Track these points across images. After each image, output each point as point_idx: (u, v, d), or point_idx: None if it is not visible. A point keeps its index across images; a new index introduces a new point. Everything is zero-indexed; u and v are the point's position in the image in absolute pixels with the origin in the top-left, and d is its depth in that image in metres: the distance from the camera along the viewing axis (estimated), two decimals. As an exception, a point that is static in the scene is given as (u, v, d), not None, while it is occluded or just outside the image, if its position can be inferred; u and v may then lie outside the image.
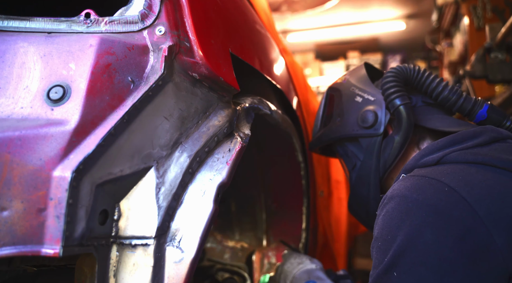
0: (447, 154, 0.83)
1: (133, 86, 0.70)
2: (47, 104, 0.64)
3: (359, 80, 1.09)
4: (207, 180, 0.75)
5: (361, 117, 1.02)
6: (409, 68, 1.00)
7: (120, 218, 0.67)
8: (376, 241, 0.78)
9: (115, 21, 0.73)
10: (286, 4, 4.34)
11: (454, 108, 0.97)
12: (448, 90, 0.97)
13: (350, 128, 1.04)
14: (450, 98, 0.96)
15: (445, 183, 0.75)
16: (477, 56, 2.12)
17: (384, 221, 0.77)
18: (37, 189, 0.58)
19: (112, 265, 0.67)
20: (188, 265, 0.68)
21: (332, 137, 1.10)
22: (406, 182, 0.80)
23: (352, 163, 1.07)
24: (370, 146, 1.01)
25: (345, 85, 1.11)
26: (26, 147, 0.59)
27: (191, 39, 0.76)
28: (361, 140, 1.03)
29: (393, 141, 0.97)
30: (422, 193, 0.75)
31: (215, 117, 0.81)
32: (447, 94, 0.96)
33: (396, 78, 0.98)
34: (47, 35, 0.71)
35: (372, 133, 1.00)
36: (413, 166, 0.88)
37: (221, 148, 0.80)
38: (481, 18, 3.20)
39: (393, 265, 0.72)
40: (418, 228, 0.72)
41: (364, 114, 1.01)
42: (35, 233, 0.57)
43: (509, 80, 2.08)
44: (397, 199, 0.77)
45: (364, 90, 1.05)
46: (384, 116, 0.99)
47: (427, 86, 0.99)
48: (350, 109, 1.06)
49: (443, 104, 0.98)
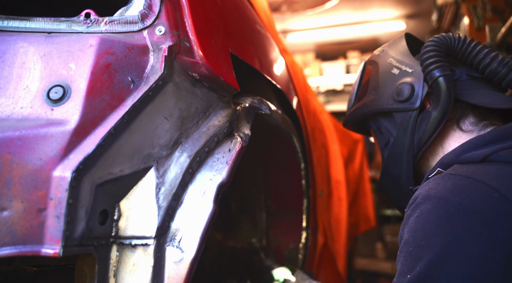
0: (496, 151, 0.73)
1: (133, 86, 0.70)
2: (47, 104, 0.64)
3: (398, 51, 1.01)
4: (207, 180, 0.75)
5: (396, 90, 0.94)
6: (453, 37, 0.91)
7: (120, 218, 0.67)
8: (407, 246, 0.70)
9: (115, 21, 0.73)
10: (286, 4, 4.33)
11: (504, 82, 0.86)
12: (497, 62, 0.85)
13: (385, 102, 0.97)
14: (500, 71, 0.85)
15: (494, 188, 0.65)
16: (477, 56, 2.11)
17: (418, 224, 0.68)
18: (37, 189, 0.58)
19: (112, 265, 0.67)
20: (188, 265, 0.68)
21: (366, 112, 1.02)
22: (446, 181, 0.71)
23: (385, 140, 1.00)
24: (405, 121, 0.92)
25: (383, 57, 1.03)
26: (26, 147, 0.59)
27: (191, 39, 0.76)
28: (396, 115, 0.95)
29: (429, 116, 0.88)
30: (467, 197, 0.65)
31: (215, 117, 0.81)
32: (496, 66, 0.85)
33: (437, 47, 0.89)
34: (47, 35, 0.70)
35: (407, 108, 0.92)
36: (452, 161, 0.79)
37: (221, 148, 0.80)
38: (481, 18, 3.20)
39: (427, 277, 0.64)
40: (461, 237, 0.62)
41: (400, 87, 0.93)
42: (35, 233, 0.57)
43: (509, 80, 2.08)
44: (435, 200, 0.68)
45: (402, 61, 0.97)
46: (422, 89, 0.90)
47: (473, 57, 0.88)
48: (386, 81, 0.98)
49: (491, 78, 0.87)
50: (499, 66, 0.85)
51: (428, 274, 0.64)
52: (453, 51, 0.91)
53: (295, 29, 5.97)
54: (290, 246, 1.49)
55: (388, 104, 0.96)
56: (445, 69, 0.86)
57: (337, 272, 1.75)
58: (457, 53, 0.91)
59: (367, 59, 1.12)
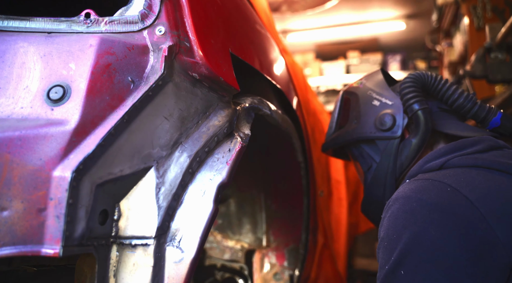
0: (449, 159, 0.87)
1: (133, 86, 0.70)
2: (47, 104, 0.64)
3: (377, 84, 1.12)
4: (207, 180, 0.75)
5: (379, 120, 1.05)
6: (427, 75, 1.04)
7: (120, 218, 0.67)
8: (382, 242, 0.81)
9: (115, 21, 0.73)
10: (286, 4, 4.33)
11: (469, 115, 1.00)
12: (463, 98, 1.00)
13: (368, 130, 1.07)
14: (465, 106, 1.00)
15: (447, 184, 0.78)
16: (477, 56, 2.12)
17: (390, 222, 0.80)
18: (37, 189, 0.58)
19: (112, 265, 0.67)
20: (188, 265, 0.68)
21: (349, 139, 1.12)
22: (410, 185, 0.83)
23: (367, 164, 1.09)
24: (388, 148, 1.03)
25: (362, 89, 1.15)
26: (26, 147, 0.59)
27: (191, 39, 0.76)
28: (378, 142, 1.06)
29: (410, 144, 1.00)
30: (426, 194, 0.77)
31: (215, 117, 0.81)
32: (462, 102, 1.00)
33: (415, 83, 1.02)
34: (47, 35, 0.71)
35: (390, 136, 1.03)
36: (417, 172, 0.91)
37: (221, 148, 0.80)
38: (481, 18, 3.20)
39: (400, 264, 0.74)
40: (423, 226, 0.74)
41: (382, 117, 1.05)
42: (35, 233, 0.57)
43: (509, 80, 2.08)
44: (402, 200, 0.80)
45: (382, 94, 1.08)
46: (402, 120, 1.02)
47: (444, 92, 1.02)
48: (367, 112, 1.09)
49: (458, 110, 1.02)
50: (465, 101, 1.00)
51: (400, 261, 0.74)
52: (427, 87, 1.04)
53: (295, 29, 5.97)
54: (290, 246, 1.49)
55: (371, 132, 1.07)
56: (423, 103, 0.99)
57: (337, 272, 1.75)
58: (430, 89, 1.04)
59: (345, 90, 1.23)
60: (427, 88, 1.04)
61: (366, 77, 1.20)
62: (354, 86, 1.20)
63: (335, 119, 1.23)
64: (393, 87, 1.13)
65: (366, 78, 1.19)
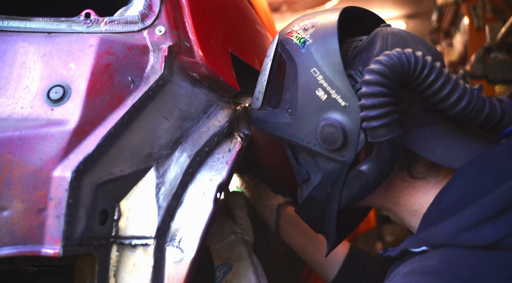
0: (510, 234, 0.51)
1: (133, 86, 0.70)
2: (47, 104, 0.64)
3: (327, 59, 0.68)
4: (207, 180, 0.75)
5: (323, 133, 0.68)
6: (408, 60, 0.60)
7: (120, 218, 0.67)
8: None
9: (115, 21, 0.73)
10: (286, 4, 4.34)
11: (474, 123, 0.64)
12: (466, 100, 0.61)
13: (305, 137, 0.71)
14: (469, 113, 0.62)
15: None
16: (477, 56, 2.12)
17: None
18: (37, 189, 0.58)
19: (112, 265, 0.67)
20: (188, 265, 0.68)
21: (278, 135, 0.77)
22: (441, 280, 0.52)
23: (302, 175, 0.77)
24: (331, 173, 0.70)
25: (304, 57, 0.71)
26: (26, 147, 0.59)
27: (191, 39, 0.76)
28: (319, 159, 0.72)
29: (363, 178, 0.67)
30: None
31: (215, 117, 0.81)
32: (464, 107, 0.61)
33: (386, 78, 0.60)
34: (47, 35, 0.71)
35: (336, 159, 0.68)
36: (443, 242, 0.57)
37: (221, 148, 0.80)
38: (481, 18, 3.21)
39: None
40: None
41: (328, 130, 0.67)
42: (35, 233, 0.57)
43: (509, 80, 2.08)
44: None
45: (332, 82, 0.67)
46: (357, 140, 0.65)
47: (434, 93, 0.62)
48: (307, 104, 0.70)
49: (456, 117, 0.63)
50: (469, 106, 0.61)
51: None
52: (407, 80, 0.62)
53: (295, 29, 5.97)
54: (290, 246, 1.49)
55: (310, 143, 0.70)
56: (393, 129, 0.61)
57: (337, 272, 1.75)
58: (411, 83, 0.63)
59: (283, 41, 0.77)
60: (406, 81, 0.62)
61: (315, 28, 0.73)
62: (294, 38, 0.75)
63: (263, 86, 0.82)
64: (352, 66, 0.70)
65: (314, 35, 0.72)
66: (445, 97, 0.61)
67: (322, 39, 0.70)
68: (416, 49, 0.64)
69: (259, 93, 0.84)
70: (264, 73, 0.83)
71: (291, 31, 0.77)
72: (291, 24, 0.80)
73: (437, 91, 0.61)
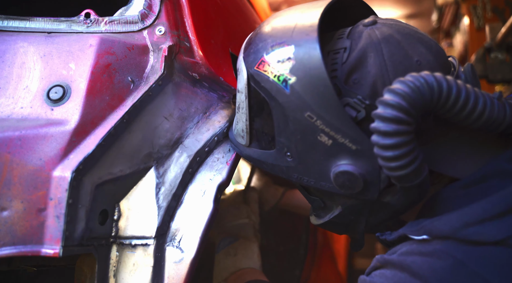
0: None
1: (133, 86, 0.70)
2: (47, 104, 0.64)
3: (319, 98, 0.58)
4: (207, 180, 0.75)
5: (337, 180, 0.61)
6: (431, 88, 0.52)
7: (120, 218, 0.67)
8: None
9: (115, 21, 0.73)
10: (286, 4, 4.33)
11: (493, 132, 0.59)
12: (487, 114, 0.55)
13: (317, 181, 0.64)
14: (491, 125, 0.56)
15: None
16: (477, 56, 2.12)
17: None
18: (37, 189, 0.58)
19: (112, 265, 0.66)
20: (188, 265, 0.68)
21: (282, 176, 0.69)
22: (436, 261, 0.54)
23: (317, 204, 0.72)
24: (352, 206, 0.66)
25: (291, 100, 0.60)
26: (26, 147, 0.59)
27: (191, 39, 0.76)
28: (337, 197, 0.67)
29: (392, 209, 0.63)
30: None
31: (215, 117, 0.81)
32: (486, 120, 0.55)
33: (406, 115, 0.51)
34: (47, 35, 0.70)
35: (359, 197, 0.63)
36: (446, 234, 0.55)
37: (221, 148, 0.80)
38: (481, 18, 3.21)
39: None
40: None
41: (344, 177, 0.60)
42: (35, 233, 0.57)
43: (509, 80, 2.08)
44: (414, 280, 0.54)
45: (334, 126, 0.58)
46: (379, 180, 0.59)
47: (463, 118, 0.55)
48: (311, 150, 0.62)
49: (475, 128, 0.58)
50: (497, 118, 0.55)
51: None
52: (429, 109, 0.54)
53: (295, 29, 5.97)
54: (290, 246, 1.49)
55: (323, 185, 0.63)
56: (420, 172, 0.54)
57: (337, 272, 1.75)
58: (434, 110, 0.55)
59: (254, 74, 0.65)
60: (428, 110, 0.54)
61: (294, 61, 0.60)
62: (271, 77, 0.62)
63: (245, 125, 0.71)
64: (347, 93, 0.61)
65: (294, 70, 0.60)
66: (468, 115, 0.54)
67: (307, 75, 0.59)
68: (415, 52, 0.60)
69: (243, 132, 0.73)
70: (242, 111, 0.71)
71: (261, 63, 0.64)
72: (254, 47, 0.67)
73: (460, 112, 0.54)
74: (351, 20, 0.70)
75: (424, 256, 0.55)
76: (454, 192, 0.61)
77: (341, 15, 0.73)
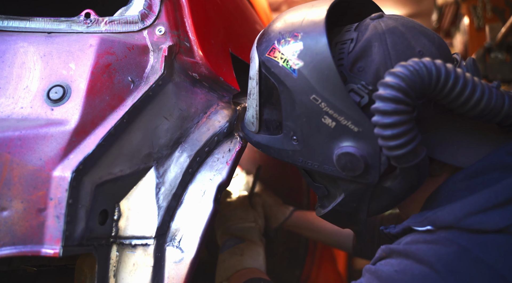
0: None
1: (133, 86, 0.70)
2: (47, 104, 0.64)
3: (325, 82, 0.61)
4: (207, 180, 0.75)
5: (340, 161, 0.63)
6: (428, 72, 0.55)
7: (120, 218, 0.67)
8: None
9: (115, 21, 0.73)
10: (286, 4, 4.34)
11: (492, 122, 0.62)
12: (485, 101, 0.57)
13: (320, 164, 0.67)
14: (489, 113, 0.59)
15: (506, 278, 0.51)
16: (477, 56, 2.12)
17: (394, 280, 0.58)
18: (37, 189, 0.58)
19: (112, 265, 0.67)
20: (188, 265, 0.68)
21: (287, 161, 0.72)
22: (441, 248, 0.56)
23: (321, 191, 0.75)
24: (354, 192, 0.68)
25: (298, 84, 0.64)
26: (26, 147, 0.59)
27: (191, 39, 0.76)
28: (339, 180, 0.69)
29: (392, 193, 0.65)
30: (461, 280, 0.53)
31: (215, 117, 0.81)
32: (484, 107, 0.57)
33: (405, 95, 0.54)
34: (47, 35, 0.70)
35: (359, 182, 0.65)
36: (449, 224, 0.57)
37: (221, 148, 0.80)
38: (481, 18, 3.20)
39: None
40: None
41: (345, 158, 0.63)
42: (35, 233, 0.57)
43: (509, 80, 2.08)
44: (426, 270, 0.55)
45: (338, 108, 0.61)
46: (380, 163, 0.62)
47: (461, 104, 0.57)
48: (315, 132, 0.65)
49: (474, 118, 0.61)
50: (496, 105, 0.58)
51: None
52: (427, 93, 0.57)
53: (295, 29, 5.97)
54: (290, 246, 1.49)
55: (326, 168, 0.66)
56: (418, 153, 0.57)
57: (337, 272, 1.75)
58: (432, 95, 0.58)
59: (265, 60, 0.69)
60: (426, 93, 0.57)
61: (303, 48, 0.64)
62: (281, 62, 0.66)
63: (256, 111, 0.75)
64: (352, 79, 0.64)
65: (302, 56, 0.64)
66: (465, 102, 0.57)
67: (314, 60, 0.62)
68: (418, 43, 0.63)
69: (253, 118, 0.77)
70: (253, 97, 0.75)
71: (272, 50, 0.68)
72: (267, 37, 0.72)
73: (457, 98, 0.57)
74: (361, 19, 0.73)
75: (429, 244, 0.57)
76: (455, 184, 0.63)
77: (351, 14, 0.78)
